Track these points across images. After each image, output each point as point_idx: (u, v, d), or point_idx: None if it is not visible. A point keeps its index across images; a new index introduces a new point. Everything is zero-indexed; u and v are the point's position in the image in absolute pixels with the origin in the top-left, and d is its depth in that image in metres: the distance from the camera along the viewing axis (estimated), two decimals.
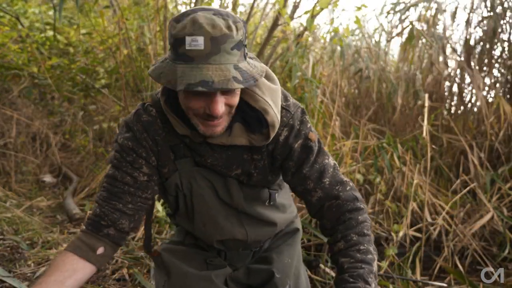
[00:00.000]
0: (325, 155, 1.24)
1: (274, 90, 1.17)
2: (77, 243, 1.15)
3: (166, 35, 3.37)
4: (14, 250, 2.06)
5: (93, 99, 4.13)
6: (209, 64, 0.96)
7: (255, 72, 1.03)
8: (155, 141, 1.20)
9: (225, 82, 0.96)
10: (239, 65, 1.00)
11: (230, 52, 0.98)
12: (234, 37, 0.98)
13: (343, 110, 3.35)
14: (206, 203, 1.26)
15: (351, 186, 1.24)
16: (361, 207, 1.21)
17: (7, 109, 3.66)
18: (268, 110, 1.12)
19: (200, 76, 0.95)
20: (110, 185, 1.20)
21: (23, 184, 3.40)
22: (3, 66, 3.64)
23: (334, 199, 1.21)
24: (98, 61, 3.80)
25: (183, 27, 0.98)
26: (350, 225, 1.18)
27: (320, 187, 1.21)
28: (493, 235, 2.49)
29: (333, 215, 1.21)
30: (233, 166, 1.23)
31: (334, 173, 1.23)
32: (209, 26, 0.96)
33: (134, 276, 1.87)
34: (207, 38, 0.96)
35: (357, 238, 1.17)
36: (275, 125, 1.13)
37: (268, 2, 3.83)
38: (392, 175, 2.62)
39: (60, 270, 1.09)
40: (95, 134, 4.02)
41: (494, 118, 2.85)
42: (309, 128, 1.22)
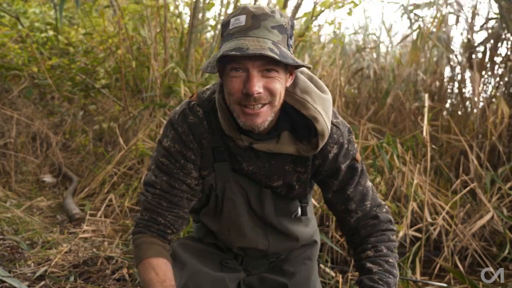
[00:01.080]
0: (367, 178, 1.28)
1: (325, 100, 1.15)
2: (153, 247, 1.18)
3: (166, 35, 3.37)
4: (14, 250, 2.06)
5: (93, 99, 4.13)
6: (247, 36, 1.00)
7: (297, 60, 1.04)
8: (200, 144, 1.19)
9: (259, 49, 0.96)
10: (278, 44, 1.01)
11: (270, 30, 1.01)
12: (275, 18, 1.02)
13: (343, 110, 3.35)
14: (235, 209, 1.26)
15: (386, 209, 1.29)
16: (394, 229, 1.28)
17: (7, 109, 3.66)
18: (318, 118, 1.10)
19: (235, 44, 0.98)
20: (168, 193, 1.19)
21: (23, 184, 3.40)
22: (3, 66, 3.64)
23: (371, 218, 1.26)
24: (98, 61, 3.80)
25: (231, 13, 1.05)
26: (382, 239, 1.24)
27: (362, 210, 1.25)
28: (493, 235, 2.49)
29: (367, 232, 1.26)
30: (275, 176, 1.22)
31: (373, 196, 1.28)
32: (254, 8, 1.03)
33: (134, 276, 1.87)
34: (249, 16, 1.01)
35: (387, 252, 1.22)
36: (324, 134, 1.11)
37: (270, 3, 3.83)
38: (392, 175, 2.62)
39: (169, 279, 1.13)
40: (95, 134, 4.02)
41: (494, 118, 2.85)
42: (356, 149, 1.25)
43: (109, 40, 3.56)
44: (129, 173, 3.03)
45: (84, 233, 2.39)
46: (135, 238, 1.22)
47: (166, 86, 3.17)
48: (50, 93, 4.22)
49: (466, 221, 2.49)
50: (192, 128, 1.17)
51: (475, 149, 2.82)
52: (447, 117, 3.21)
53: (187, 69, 3.31)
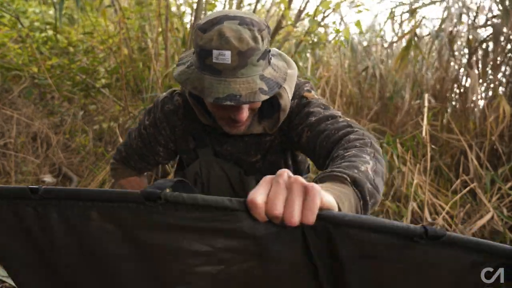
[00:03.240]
0: (327, 112, 1.10)
1: (291, 76, 1.18)
2: (124, 169, 1.49)
3: (168, 35, 3.37)
4: None
5: (93, 99, 4.13)
6: (237, 78, 0.99)
7: (278, 76, 1.06)
8: (173, 131, 1.30)
9: (252, 95, 0.99)
10: (264, 74, 1.03)
11: (256, 64, 1.01)
12: (260, 49, 1.00)
13: (344, 110, 3.35)
14: (220, 194, 1.29)
15: (346, 120, 1.05)
16: (354, 129, 1.00)
17: (7, 109, 3.66)
18: (282, 94, 1.15)
19: (227, 90, 0.98)
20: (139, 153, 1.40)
21: (23, 184, 3.40)
22: (3, 66, 3.64)
23: (322, 133, 1.04)
24: (99, 61, 3.80)
25: (210, 39, 0.99)
26: (339, 147, 0.95)
27: (307, 125, 1.10)
28: (493, 235, 2.49)
29: (324, 150, 1.01)
30: (251, 151, 1.28)
31: (326, 113, 1.09)
32: (236, 40, 0.97)
33: None
34: (234, 52, 0.97)
35: (343, 152, 0.90)
36: (286, 110, 1.16)
37: (273, 3, 3.83)
38: (392, 175, 2.62)
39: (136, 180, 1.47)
40: (95, 134, 4.02)
41: (494, 117, 2.85)
42: (305, 90, 1.20)
43: (109, 40, 3.56)
44: None
45: None
46: (113, 162, 1.52)
47: (167, 86, 3.17)
48: (50, 93, 4.22)
49: (466, 221, 2.49)
50: (167, 116, 1.29)
51: (475, 149, 2.82)
52: (447, 117, 3.21)
53: None
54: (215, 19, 1.01)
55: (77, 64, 3.72)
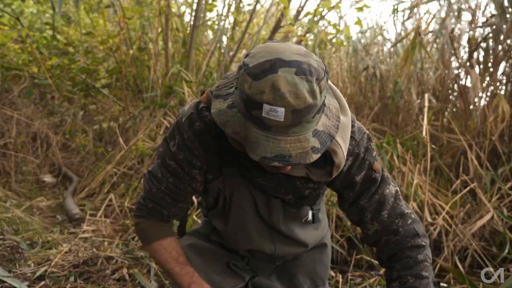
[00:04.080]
0: (387, 184, 1.16)
1: (346, 126, 1.07)
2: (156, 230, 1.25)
3: (169, 36, 3.37)
4: (14, 250, 2.06)
5: (93, 99, 4.13)
6: (288, 136, 0.87)
7: (331, 125, 0.94)
8: (206, 150, 1.14)
9: (303, 156, 0.88)
10: (317, 128, 0.91)
11: (311, 120, 0.88)
12: (318, 105, 0.87)
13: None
14: (243, 214, 1.23)
15: (412, 219, 1.16)
16: (421, 244, 1.14)
17: (7, 109, 3.66)
18: (337, 151, 1.03)
19: (276, 150, 0.87)
20: (172, 192, 1.20)
21: (23, 184, 3.40)
22: (3, 66, 3.64)
23: (392, 234, 1.14)
24: (98, 61, 3.80)
25: (261, 91, 0.85)
26: (407, 265, 1.12)
27: (378, 220, 1.14)
28: (493, 235, 2.48)
29: (390, 251, 1.15)
30: (283, 190, 1.18)
31: (394, 204, 1.15)
32: (292, 97, 0.84)
33: (134, 276, 1.87)
34: (289, 110, 0.84)
35: (413, 282, 1.10)
36: (340, 166, 1.06)
37: (273, 3, 3.83)
38: (392, 175, 2.62)
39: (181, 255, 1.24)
40: (95, 134, 4.02)
41: (494, 117, 2.85)
42: (374, 157, 1.14)
43: (109, 40, 3.56)
44: (129, 173, 3.03)
45: (84, 233, 2.39)
46: (138, 222, 1.27)
47: (167, 86, 3.17)
48: (50, 93, 4.23)
49: (466, 221, 2.49)
50: (198, 135, 1.12)
51: (475, 148, 2.82)
52: (448, 117, 3.21)
53: (188, 69, 3.31)
54: (267, 62, 0.87)
55: (77, 64, 3.72)
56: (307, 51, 0.93)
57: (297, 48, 0.92)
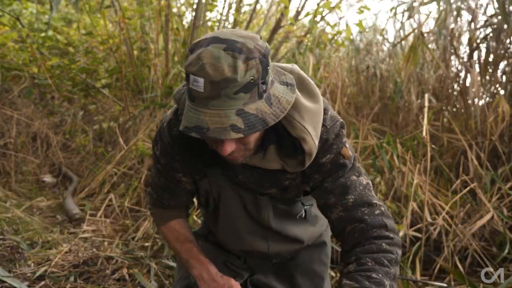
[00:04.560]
0: (356, 172, 1.13)
1: (315, 113, 1.06)
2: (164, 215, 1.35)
3: (169, 36, 3.37)
4: (14, 250, 2.06)
5: (93, 99, 4.13)
6: (207, 109, 0.89)
7: (270, 114, 0.93)
8: (185, 154, 1.18)
9: (220, 131, 0.88)
10: (245, 108, 0.90)
11: (232, 97, 0.89)
12: (238, 81, 0.88)
13: (345, 110, 3.35)
14: (231, 213, 1.24)
15: (382, 211, 1.10)
16: (390, 236, 1.06)
17: (7, 109, 3.66)
18: (306, 138, 1.03)
19: (196, 121, 0.90)
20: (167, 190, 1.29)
21: (23, 184, 3.40)
22: (3, 66, 3.64)
23: (357, 222, 1.08)
24: (99, 61, 3.80)
25: (190, 62, 0.91)
26: (368, 249, 1.04)
27: (342, 204, 1.09)
28: (493, 235, 2.48)
29: (354, 240, 1.08)
30: (266, 184, 1.19)
31: (363, 192, 1.10)
32: (211, 68, 0.87)
33: (134, 276, 1.87)
34: (207, 81, 0.88)
35: (372, 265, 1.01)
36: (312, 154, 1.05)
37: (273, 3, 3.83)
38: (392, 175, 2.62)
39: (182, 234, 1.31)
40: (95, 134, 4.02)
41: (494, 117, 2.85)
42: (344, 143, 1.12)
43: (110, 40, 3.56)
44: (129, 173, 3.03)
45: (84, 233, 2.39)
46: (150, 208, 1.41)
47: (167, 86, 3.17)
48: (50, 93, 4.22)
49: (466, 221, 2.49)
50: (176, 140, 1.15)
51: (475, 148, 2.82)
52: (448, 117, 3.21)
53: None
54: (204, 40, 0.92)
55: (77, 64, 3.72)
56: (254, 36, 0.96)
57: (244, 32, 0.95)
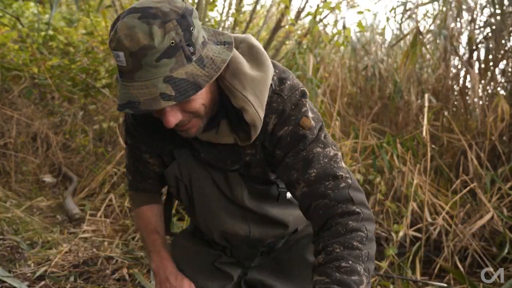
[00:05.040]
0: (320, 144, 1.04)
1: (259, 81, 1.00)
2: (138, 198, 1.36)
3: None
4: (14, 250, 2.06)
5: (93, 98, 4.13)
6: (135, 82, 0.87)
7: (203, 76, 0.89)
8: (148, 134, 1.18)
9: (150, 102, 0.86)
10: (173, 74, 0.87)
11: (155, 64, 0.86)
12: (156, 47, 0.84)
13: (344, 110, 3.35)
14: (206, 195, 1.20)
15: (348, 184, 1.00)
16: (356, 210, 0.97)
17: (7, 109, 3.66)
18: (247, 108, 0.98)
19: (126, 96, 0.88)
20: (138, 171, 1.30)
21: (23, 184, 3.40)
22: (3, 66, 3.64)
23: (321, 197, 0.99)
24: (99, 61, 3.80)
25: (111, 38, 0.88)
26: (336, 233, 0.95)
27: (304, 179, 1.01)
28: (493, 235, 2.48)
29: (320, 218, 1.00)
30: (228, 161, 1.15)
31: (327, 164, 1.01)
32: (127, 39, 0.85)
33: (134, 276, 1.87)
34: (127, 53, 0.85)
35: (341, 252, 0.92)
36: (256, 125, 1.00)
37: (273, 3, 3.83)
38: (392, 175, 2.62)
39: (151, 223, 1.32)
40: (95, 134, 4.02)
41: (494, 118, 2.85)
42: (304, 113, 1.04)
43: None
44: None
45: (84, 233, 2.39)
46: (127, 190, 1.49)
47: None
48: (50, 93, 4.22)
49: (466, 221, 2.49)
50: (139, 120, 1.17)
51: (474, 148, 2.82)
52: (448, 117, 3.21)
53: None
54: (122, 13, 0.90)
55: (77, 64, 3.72)
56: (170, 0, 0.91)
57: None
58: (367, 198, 2.61)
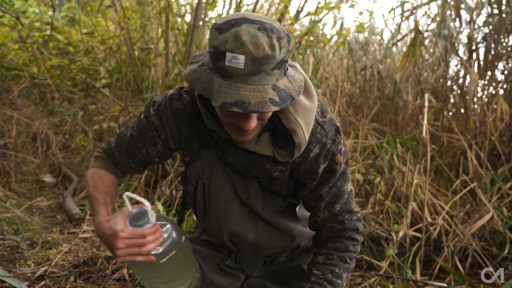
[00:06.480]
0: (346, 180, 1.25)
1: (309, 109, 1.15)
2: (104, 163, 1.33)
3: (169, 36, 3.37)
4: (14, 250, 2.06)
5: (93, 99, 4.13)
6: (247, 84, 0.94)
7: (293, 90, 1.02)
8: (179, 130, 1.24)
9: (261, 104, 0.94)
10: (277, 84, 0.98)
11: (270, 72, 0.96)
12: (276, 57, 0.95)
13: (344, 110, 3.35)
14: (223, 196, 1.27)
15: (358, 217, 1.27)
16: (358, 239, 1.26)
17: (7, 109, 3.66)
18: (297, 131, 1.11)
19: (236, 96, 0.94)
20: (130, 145, 1.30)
21: (23, 184, 3.40)
22: (3, 66, 3.64)
23: (337, 223, 1.25)
24: (99, 61, 3.80)
25: (225, 40, 0.94)
26: (338, 247, 1.24)
27: (329, 211, 1.24)
28: (493, 235, 2.49)
29: (329, 235, 1.26)
30: (253, 171, 1.24)
31: (347, 201, 1.26)
32: (252, 45, 0.93)
33: (134, 276, 1.87)
34: (248, 57, 0.93)
35: (337, 261, 1.22)
36: (301, 147, 1.13)
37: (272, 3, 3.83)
38: (392, 175, 2.62)
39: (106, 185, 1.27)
40: (95, 134, 4.02)
41: (494, 117, 2.85)
42: (339, 150, 1.22)
43: (110, 40, 3.56)
44: None
45: (84, 233, 2.39)
46: (97, 151, 1.37)
47: (167, 86, 3.17)
48: (50, 93, 4.22)
49: (466, 221, 2.49)
50: (174, 113, 1.22)
51: (474, 148, 2.82)
52: (448, 117, 3.21)
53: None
54: (233, 20, 0.97)
55: (77, 64, 3.72)
56: (272, 19, 1.02)
57: (261, 15, 1.01)
58: (367, 198, 2.62)
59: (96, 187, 1.25)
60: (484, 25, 3.22)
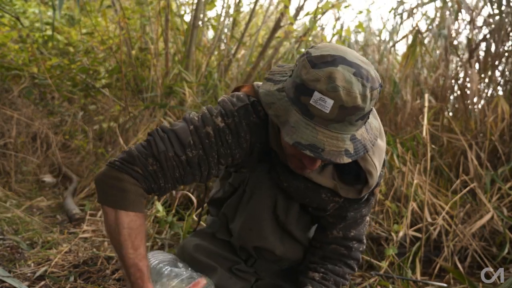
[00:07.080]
0: (369, 210, 1.29)
1: (382, 151, 1.13)
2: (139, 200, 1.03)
3: (169, 36, 3.37)
4: (14, 250, 2.06)
5: (93, 99, 4.13)
6: (327, 130, 0.89)
7: (368, 140, 0.97)
8: (253, 147, 1.11)
9: (335, 154, 0.89)
10: (356, 134, 0.93)
11: (353, 123, 0.91)
12: (364, 110, 0.90)
13: None
14: (262, 211, 1.24)
15: (363, 249, 1.33)
16: (355, 269, 1.33)
17: (7, 109, 3.66)
18: (373, 173, 1.09)
19: (312, 139, 0.88)
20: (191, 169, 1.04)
21: (23, 184, 3.40)
22: (3, 66, 3.64)
23: (344, 248, 1.28)
24: (99, 61, 3.80)
25: (317, 78, 0.87)
26: (336, 271, 1.28)
27: (344, 233, 1.27)
28: (493, 235, 2.48)
29: (332, 256, 1.29)
30: (307, 199, 1.20)
31: (362, 229, 1.30)
32: (344, 92, 0.86)
33: None
34: (337, 104, 0.87)
35: (332, 284, 1.27)
36: (371, 187, 1.13)
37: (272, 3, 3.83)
38: (392, 175, 2.62)
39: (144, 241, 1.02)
40: (95, 134, 4.02)
41: (494, 117, 2.85)
42: (379, 184, 1.23)
43: (109, 40, 3.56)
44: None
45: (84, 233, 2.39)
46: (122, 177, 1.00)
47: (167, 86, 3.17)
48: (50, 93, 4.22)
49: (466, 221, 2.49)
50: (251, 128, 1.07)
51: (475, 148, 2.82)
52: (448, 117, 3.21)
53: (187, 69, 3.31)
54: (330, 56, 0.89)
55: (77, 64, 3.72)
56: (369, 62, 0.96)
57: (361, 56, 0.95)
58: None
59: (135, 248, 1.00)
60: (483, 25, 3.21)
